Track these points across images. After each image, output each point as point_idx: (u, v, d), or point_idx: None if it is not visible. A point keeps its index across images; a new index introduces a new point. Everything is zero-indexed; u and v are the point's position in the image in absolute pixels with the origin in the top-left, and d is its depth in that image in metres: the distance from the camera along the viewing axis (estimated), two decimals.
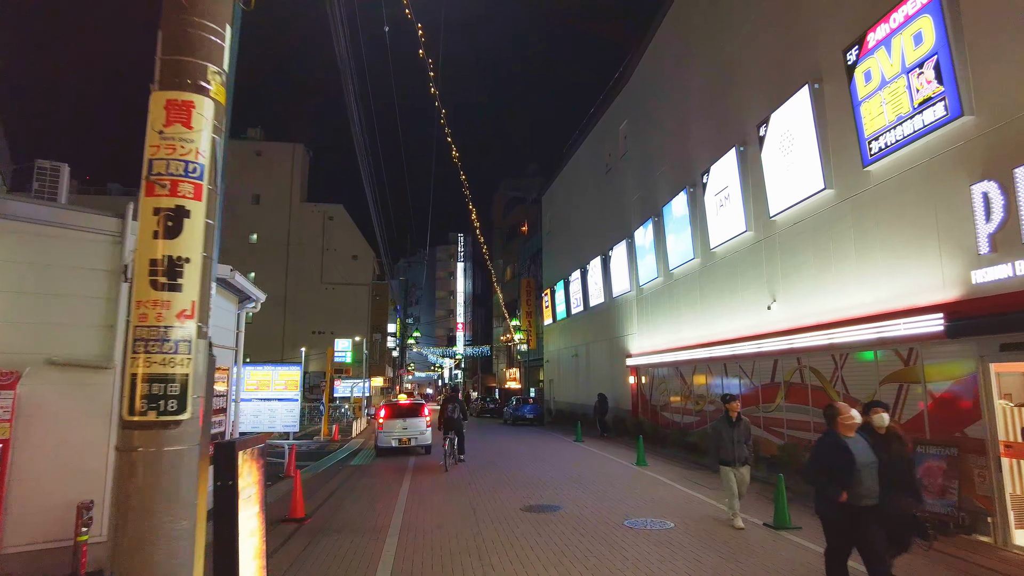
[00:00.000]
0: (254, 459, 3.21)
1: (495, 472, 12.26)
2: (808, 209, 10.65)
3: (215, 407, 9.04)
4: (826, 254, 10.21)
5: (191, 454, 2.62)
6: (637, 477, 11.42)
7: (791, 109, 10.88)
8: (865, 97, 8.83)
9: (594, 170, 25.83)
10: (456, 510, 8.56)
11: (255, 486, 3.22)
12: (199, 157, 2.72)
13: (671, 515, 8.10)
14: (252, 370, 21.18)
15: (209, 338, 3.15)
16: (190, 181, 2.69)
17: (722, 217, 13.75)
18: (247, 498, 3.06)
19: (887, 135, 8.42)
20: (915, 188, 8.16)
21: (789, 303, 11.32)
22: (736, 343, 12.95)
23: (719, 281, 14.25)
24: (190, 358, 2.62)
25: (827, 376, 10.11)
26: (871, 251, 9.09)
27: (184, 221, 2.66)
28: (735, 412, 7.69)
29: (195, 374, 2.66)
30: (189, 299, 2.64)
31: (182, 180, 2.67)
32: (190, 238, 2.67)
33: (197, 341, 2.68)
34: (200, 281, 2.70)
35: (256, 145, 48.21)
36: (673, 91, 17.39)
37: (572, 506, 8.69)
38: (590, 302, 25.14)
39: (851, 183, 9.52)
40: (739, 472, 7.54)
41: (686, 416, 15.87)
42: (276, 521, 7.96)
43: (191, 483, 2.61)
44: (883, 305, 8.69)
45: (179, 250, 2.63)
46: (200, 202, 2.72)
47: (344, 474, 12.53)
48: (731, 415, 7.66)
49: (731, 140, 13.32)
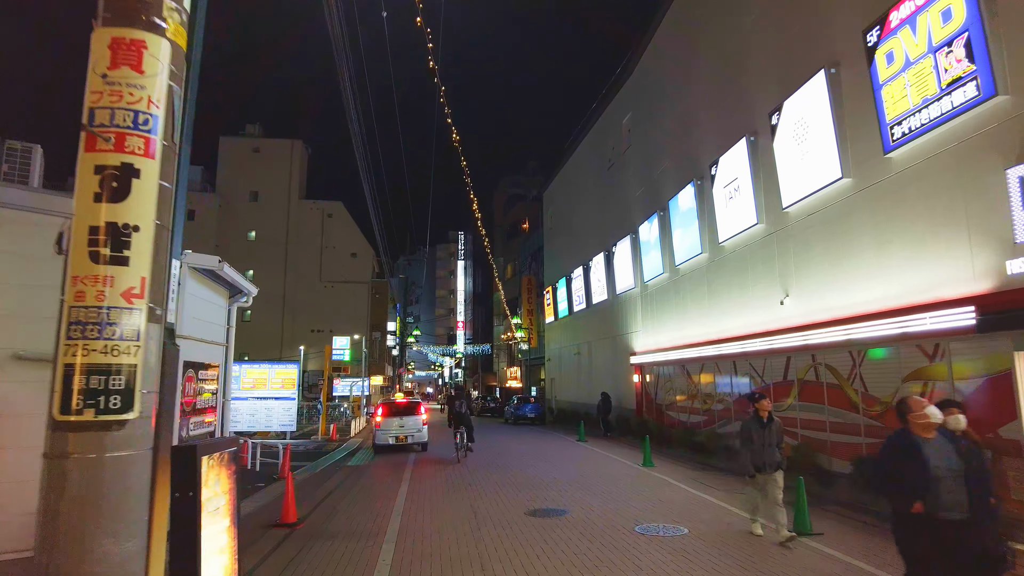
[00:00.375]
0: (223, 465, 2.78)
1: (497, 473, 11.84)
2: (823, 199, 10.21)
3: (204, 406, 8.62)
4: (843, 246, 9.77)
5: (141, 461, 2.18)
6: (644, 478, 10.99)
7: (805, 96, 10.44)
8: (887, 80, 8.39)
9: (596, 165, 25.38)
10: (456, 513, 8.13)
11: (225, 495, 2.78)
12: (152, 107, 2.29)
13: (683, 519, 7.67)
14: (248, 368, 20.80)
15: (171, 325, 2.72)
16: (140, 135, 2.25)
17: (731, 210, 13.31)
18: (214, 510, 2.63)
19: (911, 119, 7.98)
20: (942, 174, 7.72)
21: (803, 298, 10.89)
22: (746, 340, 12.51)
23: (728, 276, 13.81)
24: (139, 346, 2.19)
25: (844, 374, 9.67)
26: (892, 242, 8.65)
27: (132, 182, 2.22)
28: (766, 411, 6.95)
29: (146, 365, 2.23)
30: (138, 275, 2.21)
31: (130, 133, 2.24)
32: (139, 202, 2.23)
33: (148, 326, 2.25)
34: (152, 254, 2.27)
35: (254, 142, 47.75)
36: (679, 82, 16.95)
37: (579, 510, 8.26)
38: (593, 299, 24.71)
39: (870, 171, 9.09)
40: (772, 478, 6.80)
41: (693, 415, 15.44)
42: (267, 526, 7.55)
43: (141, 495, 2.17)
44: (905, 299, 8.26)
45: (126, 216, 2.19)
46: (152, 160, 2.28)
47: (341, 475, 12.10)
48: (761, 415, 6.92)
49: (741, 130, 12.88)
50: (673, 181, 16.83)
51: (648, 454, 12.63)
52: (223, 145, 47.09)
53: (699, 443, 14.14)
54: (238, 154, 47.01)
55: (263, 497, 9.58)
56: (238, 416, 19.64)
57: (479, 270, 70.23)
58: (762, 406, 6.98)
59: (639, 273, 19.59)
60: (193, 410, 8.19)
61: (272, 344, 44.52)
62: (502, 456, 14.66)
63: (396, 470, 12.58)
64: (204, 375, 8.69)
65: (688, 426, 15.44)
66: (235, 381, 19.80)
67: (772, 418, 6.93)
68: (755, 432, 6.84)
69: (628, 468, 12.33)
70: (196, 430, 8.37)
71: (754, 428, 6.87)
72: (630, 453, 14.70)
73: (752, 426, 6.90)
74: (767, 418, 6.90)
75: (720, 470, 12.04)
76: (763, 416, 6.91)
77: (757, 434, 6.84)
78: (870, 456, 4.08)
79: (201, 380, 8.56)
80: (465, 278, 71.03)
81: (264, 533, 7.24)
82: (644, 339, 19.23)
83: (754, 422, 6.91)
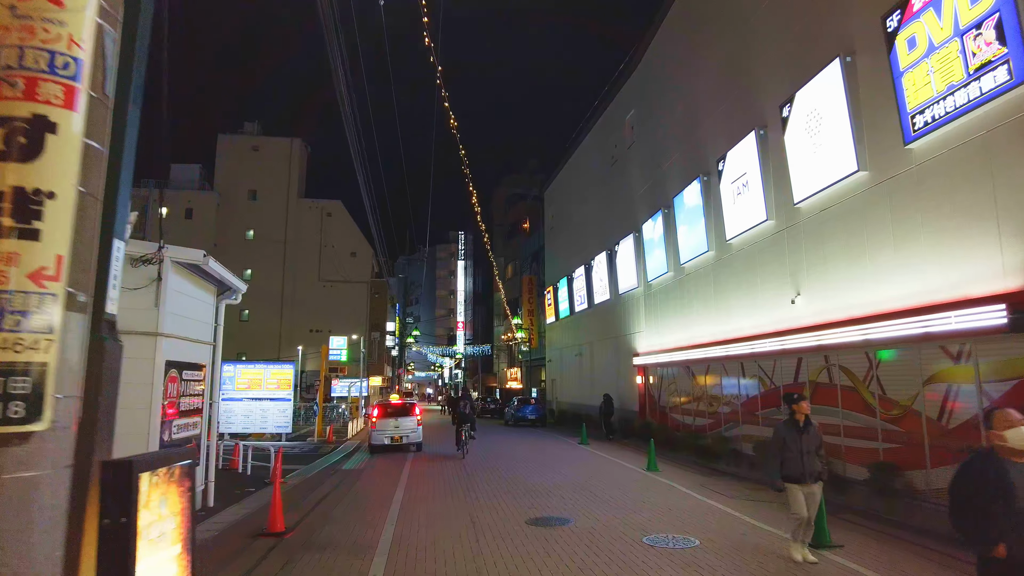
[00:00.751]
0: (172, 482, 2.35)
1: (496, 478, 11.42)
2: (838, 194, 9.79)
3: (190, 408, 8.21)
4: (859, 242, 9.35)
5: (51, 483, 1.76)
6: (650, 484, 10.56)
7: (819, 86, 10.02)
8: (908, 67, 7.97)
9: (599, 163, 24.97)
10: (453, 523, 7.71)
11: (175, 518, 2.36)
12: (74, 48, 1.87)
13: (693, 529, 7.24)
14: (243, 368, 20.37)
15: (111, 316, 2.30)
16: (58, 81, 1.83)
17: (740, 206, 12.89)
18: (158, 537, 2.21)
19: (934, 107, 7.55)
20: (968, 165, 7.29)
21: (816, 297, 10.46)
22: (755, 340, 12.08)
23: (736, 275, 13.38)
24: (52, 340, 1.77)
25: (860, 376, 9.24)
26: (912, 237, 8.23)
27: (46, 138, 1.80)
28: (804, 414, 6.07)
29: (63, 364, 1.81)
30: (52, 252, 1.79)
31: (45, 78, 1.82)
32: (56, 163, 1.81)
33: (68, 316, 1.83)
34: (72, 227, 1.84)
35: (253, 140, 47.39)
36: (684, 75, 16.53)
37: (582, 518, 7.83)
38: (595, 299, 24.28)
39: (889, 163, 8.66)
40: (810, 490, 5.96)
41: (698, 418, 15.01)
42: (254, 535, 7.13)
43: (51, 528, 1.75)
44: (927, 297, 7.83)
45: (37, 180, 1.78)
46: (74, 113, 1.86)
47: (335, 479, 11.68)
48: (798, 418, 6.05)
49: (750, 123, 12.46)
50: (678, 177, 16.41)
51: (653, 458, 12.20)
52: (221, 143, 46.74)
53: (705, 447, 13.71)
54: (237, 152, 46.67)
55: (252, 503, 9.16)
56: (233, 417, 19.22)
57: (479, 270, 69.80)
58: (800, 408, 6.08)
59: (642, 272, 19.16)
60: (176, 412, 7.78)
61: (270, 344, 44.14)
62: (502, 460, 14.23)
63: (392, 474, 12.16)
64: (190, 375, 8.28)
65: (693, 429, 15.01)
66: (229, 382, 19.41)
67: (810, 421, 6.09)
68: (791, 437, 5.98)
69: (632, 473, 11.91)
70: (180, 433, 7.96)
71: (790, 433, 6.01)
72: (634, 457, 14.27)
73: (787, 431, 6.04)
74: (804, 421, 6.03)
75: (728, 475, 11.62)
76: (800, 419, 6.04)
77: (793, 440, 5.96)
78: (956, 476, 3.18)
79: (186, 381, 8.16)
80: (465, 278, 70.60)
81: (249, 543, 6.82)
82: (648, 340, 18.81)
83: (790, 426, 6.07)
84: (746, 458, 12.09)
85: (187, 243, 8.37)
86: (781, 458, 5.96)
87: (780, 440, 6.04)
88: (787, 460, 5.94)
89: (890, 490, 8.17)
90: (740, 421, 12.86)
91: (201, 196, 45.03)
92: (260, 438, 18.61)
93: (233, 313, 45.47)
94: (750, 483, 10.70)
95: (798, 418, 6.04)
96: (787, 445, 5.96)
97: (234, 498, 9.48)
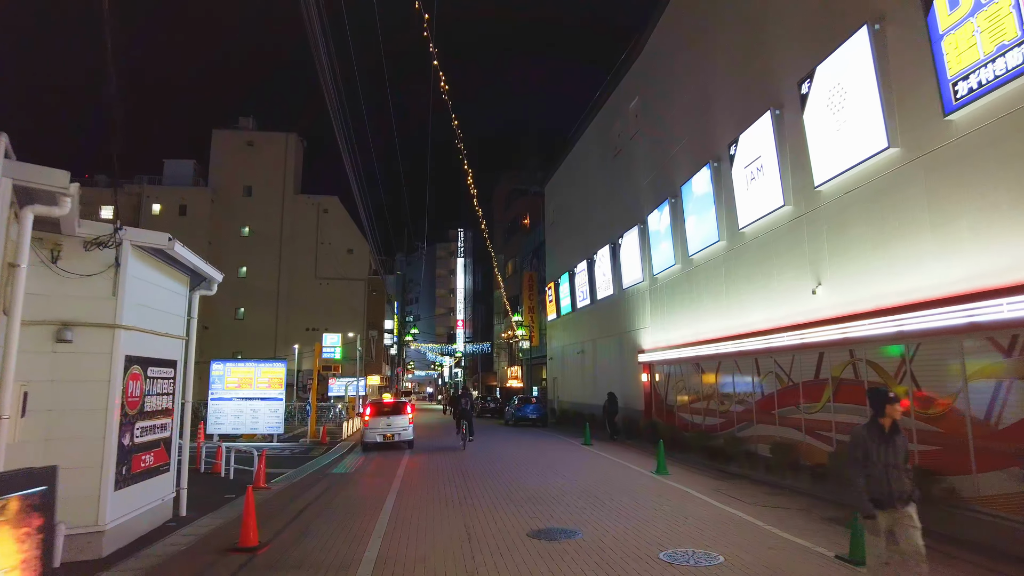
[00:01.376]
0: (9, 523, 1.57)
1: (495, 483, 10.66)
2: (865, 174, 9.02)
3: (156, 408, 7.44)
4: (889, 226, 8.58)
5: None
6: (661, 489, 9.81)
7: (843, 58, 9.25)
8: (949, 28, 7.20)
9: (601, 154, 24.19)
10: (446, 535, 6.95)
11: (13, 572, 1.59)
12: None
13: (714, 543, 6.48)
14: (233, 366, 19.59)
15: None
16: None
17: (753, 192, 12.12)
18: None
19: (981, 72, 6.78)
20: (1020, 135, 6.53)
21: (839, 286, 9.70)
22: (771, 334, 11.32)
23: (749, 265, 12.62)
24: None
25: (891, 371, 8.48)
26: (953, 218, 7.46)
27: None
28: (893, 418, 4.59)
29: None
30: None
31: None
32: None
33: None
34: None
35: (247, 135, 46.58)
36: (692, 58, 15.75)
37: (591, 530, 7.07)
38: (597, 295, 23.51)
39: (924, 138, 7.90)
40: (900, 517, 4.42)
41: (708, 417, 14.25)
42: (223, 550, 6.37)
43: None
44: (972, 283, 7.06)
45: None
46: None
47: (323, 484, 10.92)
48: (883, 422, 4.58)
49: (765, 103, 11.69)
50: (686, 165, 15.64)
51: (662, 461, 11.44)
52: (216, 138, 45.94)
53: (716, 448, 12.96)
54: (231, 147, 45.86)
55: (229, 512, 8.39)
56: (222, 418, 18.48)
57: (479, 268, 68.99)
58: (893, 410, 4.60)
59: (648, 266, 18.40)
60: (140, 413, 7.01)
61: (266, 343, 43.39)
62: (501, 462, 13.48)
63: (384, 478, 11.40)
64: (157, 372, 7.52)
65: (703, 429, 14.25)
66: (219, 380, 18.69)
67: (898, 427, 4.63)
68: (874, 447, 4.53)
69: (641, 476, 11.15)
70: (145, 436, 7.19)
71: (872, 442, 4.56)
72: (640, 459, 13.51)
73: (869, 439, 4.58)
74: (891, 427, 4.58)
75: (742, 478, 10.86)
76: (886, 424, 4.58)
77: (877, 450, 4.52)
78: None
79: (153, 379, 7.39)
80: (465, 276, 69.77)
81: (217, 560, 6.07)
82: (653, 336, 18.04)
83: (872, 433, 4.59)
84: (762, 460, 11.33)
85: (181, 240, 7.64)
86: (866, 475, 4.52)
87: (862, 450, 4.57)
88: (871, 478, 4.53)
89: (928, 497, 7.39)
90: (754, 421, 12.10)
91: (195, 192, 44.23)
92: (251, 439, 17.87)
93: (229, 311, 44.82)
94: (767, 487, 9.95)
95: (883, 422, 4.59)
96: (870, 457, 4.53)
97: (211, 505, 8.73)
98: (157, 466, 7.49)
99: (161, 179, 44.87)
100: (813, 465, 9.92)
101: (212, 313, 40.06)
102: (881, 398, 4.65)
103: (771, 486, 10.04)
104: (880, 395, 4.70)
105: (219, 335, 41.21)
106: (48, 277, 6.07)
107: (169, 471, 7.89)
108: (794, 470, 10.30)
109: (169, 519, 7.81)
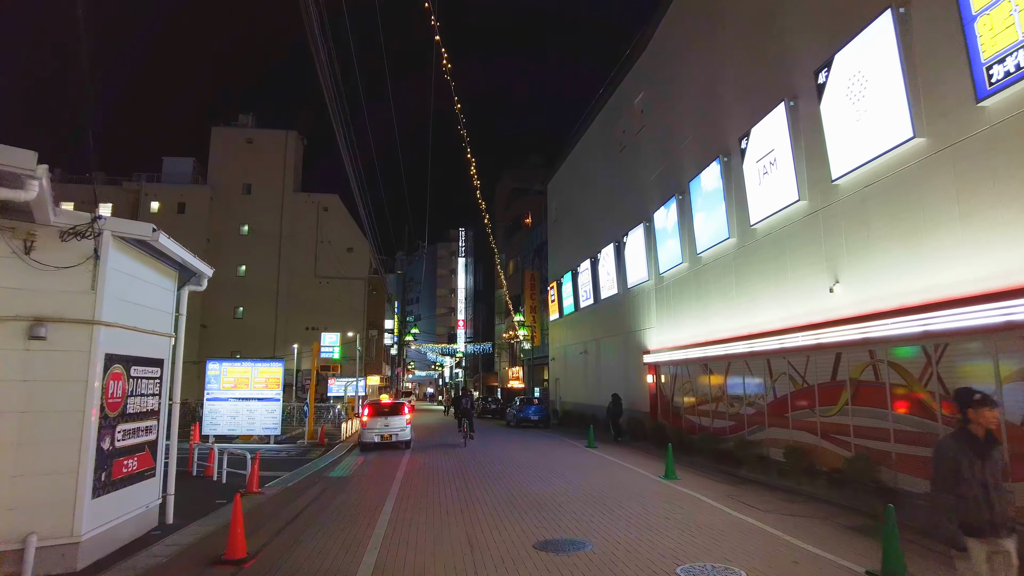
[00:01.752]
0: None
1: (498, 487, 10.24)
2: (887, 166, 8.60)
3: (140, 409, 7.02)
4: (913, 220, 8.16)
5: None
6: (671, 496, 9.38)
7: (864, 45, 8.84)
8: (983, 9, 6.78)
9: (605, 151, 23.76)
10: (446, 546, 6.53)
11: None
12: None
13: (733, 555, 6.05)
14: (229, 366, 19.15)
15: None
16: None
17: (766, 187, 11.70)
18: None
19: (1019, 54, 6.37)
20: None
21: (858, 284, 9.27)
22: (785, 334, 10.89)
23: (761, 263, 12.19)
24: None
25: (915, 373, 8.06)
26: (985, 211, 7.04)
27: None
28: (987, 428, 3.62)
29: None
30: None
31: None
32: None
33: None
34: None
35: (247, 132, 46.15)
36: (700, 51, 15.32)
37: (601, 541, 6.64)
38: (601, 294, 23.08)
39: (954, 127, 7.48)
40: (998, 549, 3.50)
41: (717, 420, 13.82)
42: (207, 563, 5.95)
43: None
44: (1007, 279, 6.65)
45: None
46: None
47: (318, 488, 10.50)
48: (975, 430, 3.62)
49: (778, 94, 11.27)
50: (695, 160, 15.21)
51: (671, 465, 11.01)
52: (215, 136, 45.53)
53: (726, 452, 12.53)
54: (230, 145, 45.45)
55: (219, 519, 7.96)
56: (218, 418, 18.06)
57: (480, 267, 68.56)
58: (987, 416, 3.61)
59: (654, 264, 17.96)
60: (122, 415, 6.59)
61: (265, 342, 42.99)
62: (504, 465, 13.05)
63: (382, 482, 10.98)
64: (141, 372, 7.10)
65: (712, 432, 13.82)
66: (215, 380, 18.27)
67: (995, 438, 3.65)
68: (965, 461, 3.56)
69: (649, 481, 10.72)
70: (128, 439, 6.77)
71: (964, 455, 3.58)
72: (647, 462, 13.09)
73: (960, 451, 3.60)
74: (986, 437, 3.61)
75: (754, 483, 10.43)
76: (980, 433, 3.61)
77: (971, 465, 3.55)
78: None
79: (136, 378, 6.97)
80: (466, 275, 69.30)
81: (200, 573, 5.66)
82: (659, 336, 17.61)
83: (963, 443, 3.62)
84: (775, 464, 10.91)
85: (180, 238, 7.27)
86: (959, 495, 3.55)
87: (953, 466, 3.59)
88: (966, 500, 3.53)
89: None
90: (766, 424, 11.68)
91: (194, 190, 43.80)
92: (248, 440, 17.46)
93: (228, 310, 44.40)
94: (781, 493, 9.53)
95: (975, 431, 3.62)
96: (962, 473, 3.55)
97: (200, 512, 8.29)
98: (141, 471, 7.06)
99: (160, 177, 44.45)
100: (829, 470, 9.50)
101: (211, 312, 39.71)
102: (965, 400, 3.71)
103: (786, 492, 9.61)
104: (965, 396, 3.73)
105: (218, 334, 40.83)
106: (20, 269, 5.65)
107: (155, 476, 7.46)
108: (809, 475, 9.87)
109: (154, 527, 7.38)
